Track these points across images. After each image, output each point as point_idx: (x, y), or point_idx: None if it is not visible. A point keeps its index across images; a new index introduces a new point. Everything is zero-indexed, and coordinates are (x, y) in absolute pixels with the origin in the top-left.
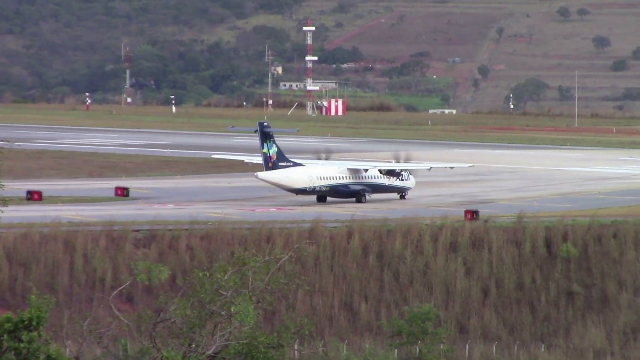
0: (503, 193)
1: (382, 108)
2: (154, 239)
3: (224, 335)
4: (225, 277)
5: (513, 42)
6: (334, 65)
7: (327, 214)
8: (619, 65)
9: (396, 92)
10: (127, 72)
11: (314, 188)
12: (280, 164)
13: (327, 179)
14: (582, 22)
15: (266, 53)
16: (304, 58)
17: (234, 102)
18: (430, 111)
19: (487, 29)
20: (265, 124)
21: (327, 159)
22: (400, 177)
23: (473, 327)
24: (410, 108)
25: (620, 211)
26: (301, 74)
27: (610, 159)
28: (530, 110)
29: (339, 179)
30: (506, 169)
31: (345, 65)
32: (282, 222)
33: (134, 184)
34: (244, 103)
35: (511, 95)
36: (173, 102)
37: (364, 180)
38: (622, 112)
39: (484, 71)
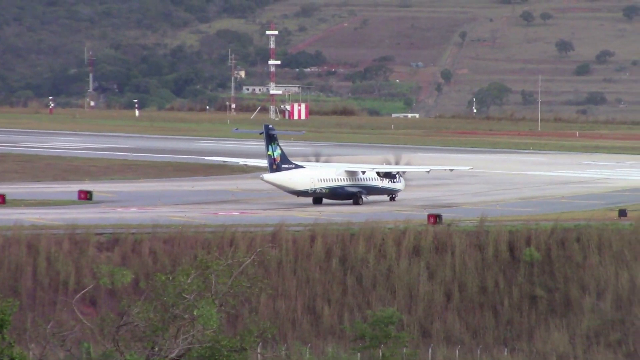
0: (466, 197)
1: (345, 112)
2: (117, 242)
3: (187, 338)
4: (188, 281)
5: (476, 47)
6: (297, 70)
7: (291, 218)
8: (582, 70)
9: (359, 96)
10: (91, 75)
11: (315, 190)
12: (284, 166)
13: (326, 181)
14: (545, 26)
15: (229, 57)
16: (267, 62)
17: (197, 106)
18: (394, 115)
19: (451, 34)
20: (270, 126)
21: (318, 161)
22: (393, 180)
23: (436, 331)
24: (373, 112)
25: (583, 215)
26: (264, 78)
27: (573, 163)
28: (493, 115)
29: (338, 181)
30: (469, 172)
31: (308, 69)
32: (245, 225)
33: (97, 187)
34: (207, 107)
35: (474, 99)
36: (136, 105)
37: (360, 183)
38: (585, 116)
39: (447, 75)
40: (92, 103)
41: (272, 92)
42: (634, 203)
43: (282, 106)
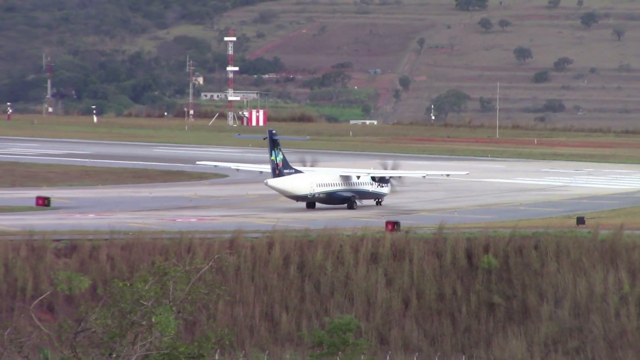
0: (424, 204)
1: (303, 119)
2: (74, 248)
3: (144, 345)
4: (146, 287)
5: (434, 53)
6: (255, 76)
7: (249, 224)
8: (541, 77)
9: (317, 102)
10: (49, 81)
11: (314, 195)
12: (285, 171)
13: (324, 185)
14: (503, 33)
15: (187, 63)
16: (225, 68)
17: (155, 112)
18: (352, 122)
19: (409, 40)
20: (273, 132)
21: (312, 166)
22: (382, 184)
23: (394, 338)
24: (331, 119)
25: (541, 223)
26: (222, 85)
27: (531, 170)
28: (451, 122)
29: (334, 185)
30: (428, 180)
31: (266, 75)
32: (202, 232)
33: (55, 193)
34: (165, 113)
35: (432, 106)
36: (94, 112)
37: (353, 187)
38: (543, 123)
39: (405, 82)
40: (50, 109)
41: (230, 98)
42: (592, 211)
43: (240, 112)
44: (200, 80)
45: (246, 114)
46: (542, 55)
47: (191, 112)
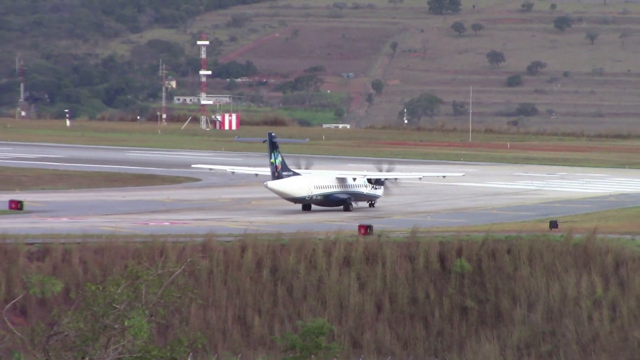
0: (397, 208)
1: (276, 122)
2: (47, 252)
3: (117, 348)
4: (119, 291)
5: (407, 57)
6: (228, 80)
7: (221, 228)
8: (514, 81)
9: (290, 106)
10: (22, 85)
11: (311, 197)
12: (284, 173)
13: (321, 188)
14: (476, 37)
15: (160, 67)
16: (198, 72)
17: (128, 116)
18: (324, 126)
19: (381, 44)
20: (273, 134)
21: (307, 168)
22: (376, 187)
23: (367, 341)
24: (304, 123)
25: (514, 227)
26: (195, 88)
27: (504, 174)
28: (424, 126)
29: (330, 187)
30: (400, 183)
31: (239, 79)
32: (175, 235)
33: (28, 197)
34: (138, 117)
35: (405, 110)
36: (67, 115)
37: (349, 189)
38: (516, 127)
39: (378, 86)
40: (23, 113)
41: (203, 102)
42: (565, 215)
43: (213, 116)
44: (173, 84)
45: (219, 117)
46: (515, 59)
47: (164, 115)
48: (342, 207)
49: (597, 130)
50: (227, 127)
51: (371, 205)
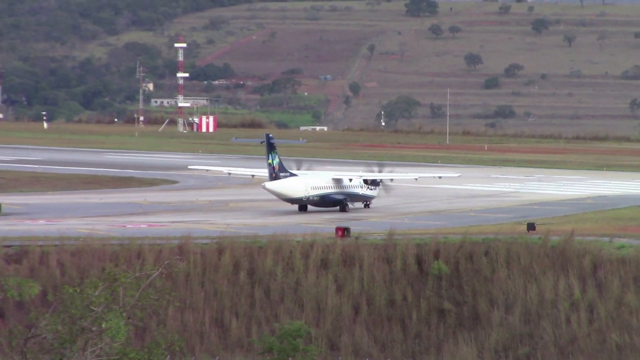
0: (374, 210)
1: (254, 125)
2: (25, 254)
3: (94, 351)
4: (96, 293)
5: (385, 60)
6: (206, 82)
7: (198, 230)
8: (491, 83)
9: (267, 109)
10: None
11: (308, 197)
12: (281, 174)
13: (318, 188)
14: (454, 39)
15: (137, 69)
16: (176, 75)
17: (105, 118)
18: (302, 128)
19: (359, 46)
20: (270, 135)
21: (299, 168)
22: (372, 187)
23: (344, 344)
24: (281, 125)
25: (491, 229)
26: (172, 91)
27: (481, 176)
28: (402, 128)
29: (327, 188)
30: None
31: (216, 82)
32: (152, 238)
33: (5, 199)
34: (115, 119)
35: (382, 112)
36: (45, 118)
37: (345, 190)
38: (493, 129)
39: (355, 88)
40: (0, 115)
41: (180, 104)
42: (543, 217)
43: (190, 119)
44: (151, 86)
45: (196, 120)
46: (493, 61)
47: (141, 118)
48: (338, 207)
49: (575, 133)
50: (204, 129)
51: (366, 205)
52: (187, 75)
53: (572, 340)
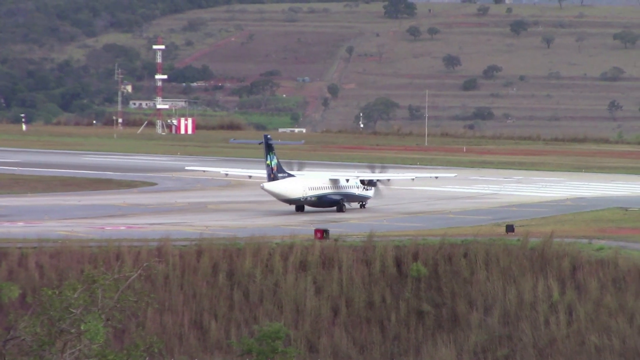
0: (353, 212)
1: (232, 127)
2: (4, 257)
3: (74, 353)
4: (75, 295)
5: (363, 61)
6: (184, 84)
7: (176, 232)
8: (470, 85)
9: (246, 110)
10: None
11: (306, 198)
12: (279, 175)
13: (315, 189)
14: (432, 41)
15: (116, 71)
16: (154, 76)
17: (84, 120)
18: (280, 130)
19: (337, 48)
20: (269, 136)
21: (299, 169)
22: (367, 188)
23: (323, 346)
24: (260, 127)
25: (470, 231)
26: (151, 93)
27: (460, 178)
28: (380, 130)
29: (324, 189)
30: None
31: (195, 83)
32: (130, 240)
33: None
34: (94, 121)
35: (361, 114)
36: (23, 120)
37: (341, 190)
38: (472, 131)
39: (333, 90)
40: None
41: (159, 106)
42: (522, 218)
43: (169, 121)
44: (129, 88)
45: (175, 122)
46: (471, 63)
47: (120, 120)
48: (335, 208)
49: (554, 134)
50: (182, 131)
51: (362, 206)
52: (165, 77)
53: (551, 342)
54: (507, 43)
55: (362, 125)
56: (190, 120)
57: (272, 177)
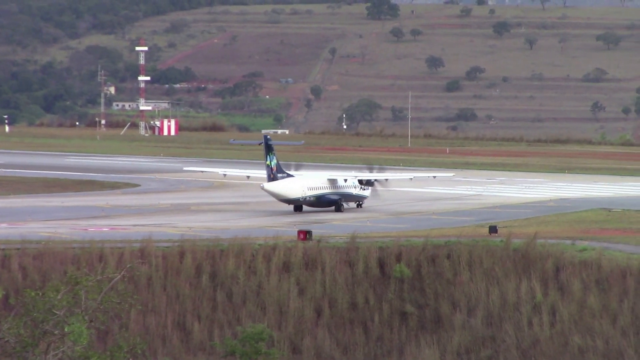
0: (336, 213)
1: (215, 128)
2: None
3: (57, 354)
4: (58, 297)
5: (346, 63)
6: (167, 86)
7: (159, 233)
8: (452, 86)
9: (229, 112)
10: None
11: (305, 198)
12: (279, 175)
13: (314, 189)
14: (415, 42)
15: (99, 73)
16: (137, 78)
17: (67, 122)
18: (263, 131)
19: (320, 50)
20: (268, 137)
21: (297, 169)
22: (364, 187)
23: (306, 347)
24: (242, 128)
25: (453, 232)
26: (134, 94)
27: (443, 179)
28: (363, 131)
29: (322, 189)
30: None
31: (178, 85)
32: (113, 241)
33: None
34: (77, 123)
35: (344, 115)
36: (6, 121)
37: (339, 190)
38: (455, 132)
39: (316, 91)
40: None
41: (141, 108)
42: (505, 220)
43: (152, 122)
44: (112, 90)
45: (158, 123)
46: (454, 64)
47: (103, 121)
48: (333, 207)
49: (537, 135)
50: (165, 132)
51: (359, 205)
52: (148, 78)
53: (535, 343)
54: (490, 44)
55: (345, 127)
56: (173, 122)
57: (271, 177)
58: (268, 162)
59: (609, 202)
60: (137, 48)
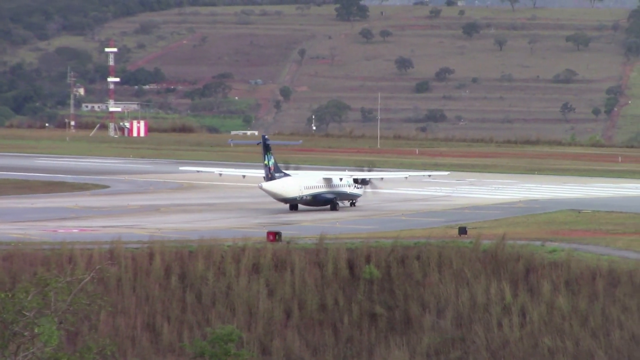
0: (306, 214)
1: (184, 129)
2: None
3: (27, 355)
4: (28, 298)
5: (315, 64)
6: (137, 87)
7: (128, 235)
8: (422, 87)
9: (198, 113)
10: None
11: (302, 197)
12: (277, 174)
13: (310, 188)
14: (384, 43)
15: (68, 74)
16: (106, 79)
17: (36, 123)
18: (232, 132)
19: (289, 51)
20: (266, 137)
21: (295, 169)
22: (360, 186)
23: (276, 348)
24: (212, 129)
25: (423, 233)
26: (103, 95)
27: (413, 180)
28: (333, 132)
29: (318, 188)
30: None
31: (147, 86)
32: (83, 242)
33: None
34: (47, 124)
35: (313, 116)
36: None
37: (334, 189)
38: (424, 133)
39: (286, 93)
40: None
41: (111, 109)
42: (474, 221)
43: (121, 123)
44: (82, 91)
45: (127, 124)
46: (424, 65)
47: (72, 123)
48: (328, 206)
49: (506, 136)
50: (135, 134)
51: (352, 204)
52: (118, 79)
53: (504, 344)
54: (459, 45)
55: (314, 128)
56: (142, 123)
57: (269, 176)
58: (266, 162)
59: (578, 203)
60: (107, 49)
